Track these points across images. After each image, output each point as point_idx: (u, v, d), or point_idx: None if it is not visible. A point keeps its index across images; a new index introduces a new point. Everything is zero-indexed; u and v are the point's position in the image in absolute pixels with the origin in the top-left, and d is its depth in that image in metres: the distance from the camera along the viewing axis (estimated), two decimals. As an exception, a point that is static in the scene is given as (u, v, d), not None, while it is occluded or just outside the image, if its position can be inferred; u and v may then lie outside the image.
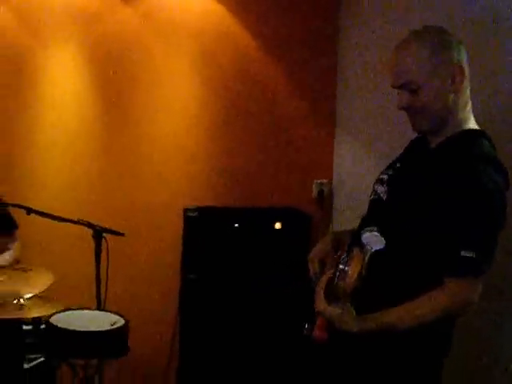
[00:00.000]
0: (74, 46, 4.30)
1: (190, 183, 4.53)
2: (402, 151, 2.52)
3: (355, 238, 2.24)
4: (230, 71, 4.55)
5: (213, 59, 4.51)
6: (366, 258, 2.06)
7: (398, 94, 2.29)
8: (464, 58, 2.25)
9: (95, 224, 3.60)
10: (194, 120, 4.53)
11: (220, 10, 4.48)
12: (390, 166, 2.46)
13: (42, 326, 3.31)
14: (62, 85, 4.30)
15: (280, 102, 4.66)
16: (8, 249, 3.80)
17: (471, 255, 2.07)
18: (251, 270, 4.20)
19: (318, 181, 4.74)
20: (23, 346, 3.31)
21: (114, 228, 3.63)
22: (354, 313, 2.14)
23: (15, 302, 3.15)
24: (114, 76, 4.37)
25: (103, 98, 4.39)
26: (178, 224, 4.28)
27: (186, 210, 4.27)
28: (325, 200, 4.74)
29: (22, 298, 3.18)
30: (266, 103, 4.63)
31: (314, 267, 2.47)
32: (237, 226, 4.24)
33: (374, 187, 2.44)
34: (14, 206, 3.55)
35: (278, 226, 4.28)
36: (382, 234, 2.09)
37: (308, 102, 4.70)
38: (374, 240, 2.07)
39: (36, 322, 3.57)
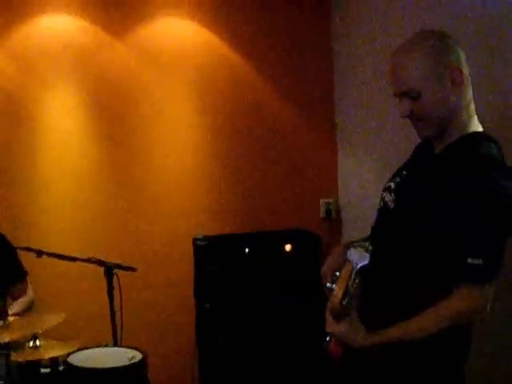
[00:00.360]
0: (71, 85, 4.34)
1: (198, 213, 4.53)
2: (408, 158, 2.50)
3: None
4: (229, 97, 4.58)
5: (210, 86, 4.54)
6: (352, 275, 2.04)
7: (400, 101, 2.27)
8: (462, 59, 2.23)
9: (106, 261, 3.60)
10: (196, 149, 4.55)
11: (212, 39, 4.53)
12: (397, 174, 2.43)
13: (60, 368, 3.29)
14: (64, 126, 4.33)
15: (280, 124, 4.68)
16: (21, 295, 3.80)
17: (479, 262, 2.04)
18: (264, 294, 4.18)
19: (325, 200, 4.74)
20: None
21: (125, 264, 3.64)
22: (362, 328, 2.13)
23: (31, 343, 3.13)
24: (114, 112, 4.40)
25: (105, 134, 4.42)
26: (189, 254, 4.27)
27: (194, 240, 4.27)
28: (333, 219, 4.74)
29: (37, 338, 3.16)
30: (266, 127, 4.66)
31: (326, 280, 2.41)
32: (247, 251, 4.23)
33: (381, 195, 2.42)
34: (24, 249, 3.55)
35: (288, 248, 4.27)
36: (388, 243, 2.09)
37: (308, 121, 4.73)
38: (358, 256, 2.07)
39: (54, 363, 3.56)
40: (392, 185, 2.39)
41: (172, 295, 4.45)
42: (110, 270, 3.57)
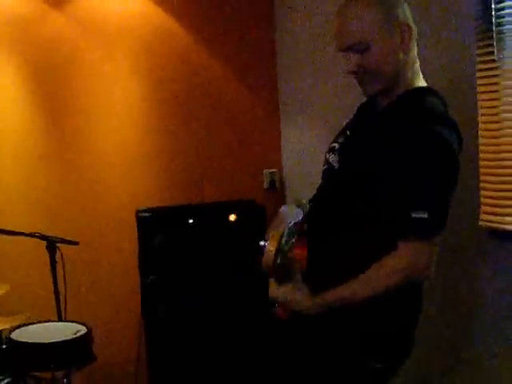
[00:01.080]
0: (7, 55, 4.21)
1: (140, 185, 4.49)
2: (351, 118, 2.49)
3: (310, 211, 2.22)
4: (171, 68, 4.52)
5: (151, 57, 4.47)
6: (285, 232, 2.01)
7: (345, 57, 2.23)
8: (409, 16, 2.22)
9: (48, 235, 3.57)
10: (138, 120, 4.49)
11: (155, 10, 4.46)
12: (340, 134, 2.41)
13: (4, 346, 3.26)
14: (1, 97, 4.22)
15: (222, 94, 4.65)
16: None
17: (423, 216, 2.01)
18: (209, 265, 4.18)
19: (269, 170, 4.75)
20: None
21: (67, 237, 3.61)
22: (307, 289, 2.10)
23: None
24: (54, 86, 4.30)
25: (45, 108, 4.31)
26: (132, 227, 4.24)
27: (138, 212, 4.24)
28: (277, 189, 4.75)
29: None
30: (209, 98, 4.61)
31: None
32: (191, 222, 4.21)
33: (325, 156, 2.40)
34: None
35: (232, 218, 4.27)
36: (333, 202, 2.08)
37: (250, 90, 4.70)
38: (291, 212, 2.05)
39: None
40: (336, 145, 2.37)
41: (116, 268, 4.42)
42: (52, 243, 3.56)
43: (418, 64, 2.28)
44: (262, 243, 2.02)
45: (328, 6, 3.60)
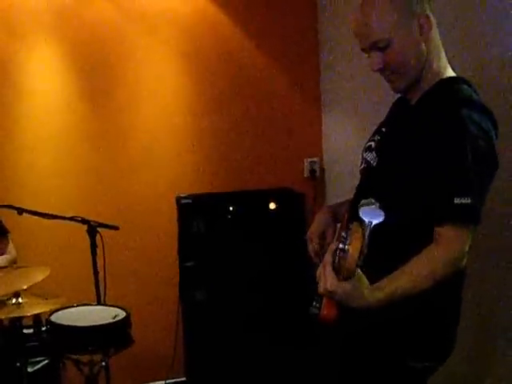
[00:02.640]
0: (53, 43, 4.25)
1: (182, 172, 4.51)
2: (386, 116, 2.47)
3: (353, 211, 2.17)
4: (213, 58, 4.53)
5: (195, 47, 4.49)
6: (366, 235, 1.90)
7: (369, 56, 2.23)
8: (428, 7, 2.18)
9: (89, 219, 3.59)
10: (181, 107, 4.51)
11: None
12: (376, 132, 2.40)
13: (44, 328, 3.29)
14: (44, 82, 4.26)
15: (266, 85, 4.64)
16: (3, 253, 3.77)
17: (466, 201, 1.98)
18: (248, 252, 4.19)
19: (309, 159, 4.74)
20: (25, 350, 3.29)
21: (108, 222, 3.63)
22: (367, 282, 1.99)
23: (14, 301, 3.12)
24: (97, 69, 4.34)
25: (88, 92, 4.36)
26: (173, 213, 4.26)
27: (178, 198, 4.25)
28: (317, 178, 4.74)
29: (20, 296, 3.15)
30: (252, 86, 4.62)
31: (312, 244, 2.42)
32: (231, 209, 4.22)
33: (362, 155, 2.39)
34: (5, 207, 3.52)
35: (272, 206, 4.26)
36: (379, 202, 2.00)
37: (293, 81, 4.69)
38: (372, 214, 1.92)
39: (37, 324, 3.56)
40: (372, 144, 2.35)
41: (155, 253, 4.45)
42: (92, 228, 3.58)
43: (443, 53, 2.25)
44: (341, 246, 1.91)
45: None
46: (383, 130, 2.36)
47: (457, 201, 1.99)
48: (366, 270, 1.97)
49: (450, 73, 2.25)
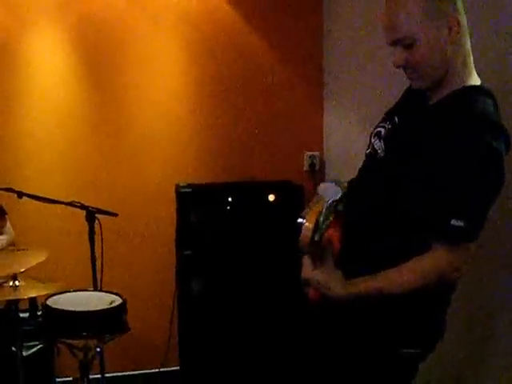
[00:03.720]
0: (58, 29, 4.26)
1: (182, 161, 4.52)
2: (398, 100, 2.45)
3: (351, 193, 2.21)
4: (216, 47, 4.52)
5: (198, 36, 4.48)
6: (323, 210, 2.00)
7: (394, 51, 2.18)
8: (460, 8, 2.14)
9: (88, 205, 3.60)
10: (183, 96, 4.51)
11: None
12: (387, 119, 2.37)
13: (39, 313, 3.30)
14: (49, 68, 4.26)
15: (267, 76, 4.64)
16: (1, 233, 3.78)
17: (460, 224, 2.01)
18: (246, 243, 4.19)
19: (309, 153, 4.74)
20: (21, 334, 3.29)
21: (106, 209, 3.64)
22: (341, 276, 2.10)
23: (11, 284, 3.13)
24: (99, 57, 4.34)
25: (91, 79, 4.36)
26: (171, 201, 4.26)
27: (177, 187, 4.25)
28: (316, 171, 4.74)
29: (17, 279, 3.15)
30: (253, 78, 4.61)
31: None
32: (230, 199, 4.22)
33: (370, 140, 2.37)
34: (5, 190, 3.52)
35: (271, 198, 4.26)
36: (373, 191, 2.10)
37: (295, 73, 4.69)
38: (329, 190, 2.03)
39: (32, 308, 3.57)
40: (382, 131, 2.34)
41: (153, 241, 4.47)
42: (91, 214, 3.58)
43: (470, 59, 2.20)
44: (299, 220, 2.01)
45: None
46: (396, 119, 2.32)
47: (453, 222, 2.02)
48: (350, 267, 2.08)
49: (475, 80, 2.21)
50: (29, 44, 4.22)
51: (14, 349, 3.24)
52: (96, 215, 3.60)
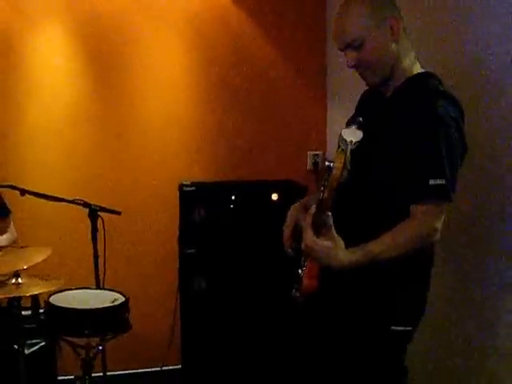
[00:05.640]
0: (62, 24, 4.26)
1: (185, 160, 4.52)
2: (356, 106, 2.79)
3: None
4: (220, 48, 4.52)
5: (202, 34, 4.48)
6: (348, 151, 2.13)
7: (346, 55, 2.46)
8: (397, 11, 2.44)
9: (91, 203, 3.60)
10: (186, 96, 4.51)
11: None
12: (352, 122, 2.55)
13: (41, 310, 3.30)
14: (52, 63, 4.26)
15: (270, 75, 4.63)
16: (4, 232, 3.78)
17: (441, 182, 2.23)
18: (249, 242, 4.19)
19: (312, 152, 4.74)
20: (23, 332, 3.29)
21: (109, 207, 3.64)
22: (343, 244, 2.20)
23: (13, 281, 3.13)
24: (104, 54, 4.33)
25: (94, 75, 4.36)
26: (175, 200, 4.26)
27: (181, 186, 4.25)
28: (319, 171, 4.73)
29: (19, 276, 3.15)
30: (257, 77, 4.61)
31: (285, 235, 2.75)
32: (233, 198, 4.22)
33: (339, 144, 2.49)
34: (8, 187, 3.52)
35: (274, 197, 4.26)
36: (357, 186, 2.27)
37: (299, 73, 4.68)
38: (352, 134, 2.18)
39: (35, 306, 3.57)
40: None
41: (156, 240, 4.47)
42: (94, 212, 3.59)
43: (412, 52, 2.49)
44: (327, 163, 2.14)
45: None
46: (360, 119, 2.51)
47: (432, 182, 2.24)
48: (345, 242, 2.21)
49: (419, 69, 2.50)
50: (34, 44, 4.22)
51: (16, 346, 3.23)
52: (99, 213, 3.60)
